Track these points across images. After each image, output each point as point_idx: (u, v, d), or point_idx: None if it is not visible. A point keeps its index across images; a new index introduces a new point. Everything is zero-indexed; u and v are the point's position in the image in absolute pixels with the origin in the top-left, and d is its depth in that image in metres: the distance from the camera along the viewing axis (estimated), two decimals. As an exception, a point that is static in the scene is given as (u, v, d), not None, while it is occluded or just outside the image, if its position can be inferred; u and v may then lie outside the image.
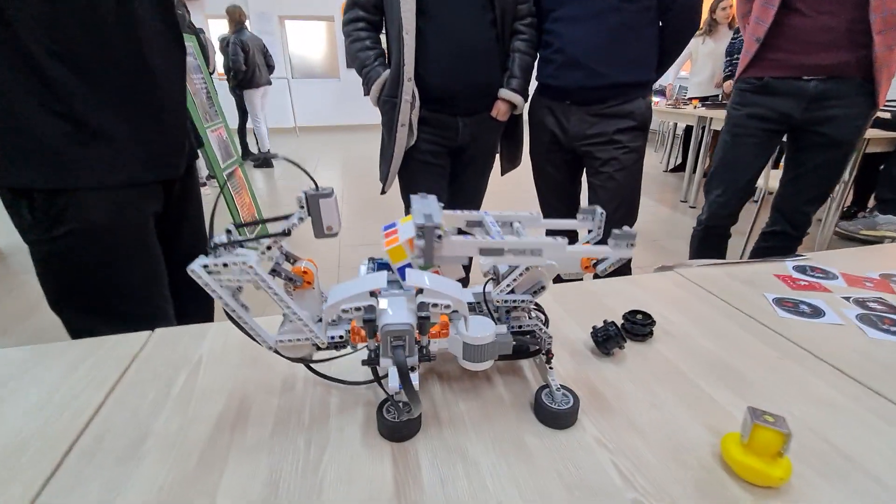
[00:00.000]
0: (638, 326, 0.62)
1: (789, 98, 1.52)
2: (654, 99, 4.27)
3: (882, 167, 2.90)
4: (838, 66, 1.43)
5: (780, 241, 1.69)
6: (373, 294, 0.34)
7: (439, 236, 0.38)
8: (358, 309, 0.32)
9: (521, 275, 0.47)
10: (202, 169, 3.96)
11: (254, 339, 0.46)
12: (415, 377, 0.36)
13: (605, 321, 0.60)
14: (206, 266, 0.42)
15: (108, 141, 0.76)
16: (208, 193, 3.91)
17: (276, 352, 0.48)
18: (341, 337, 0.46)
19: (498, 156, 1.70)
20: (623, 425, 0.48)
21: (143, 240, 0.84)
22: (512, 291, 0.49)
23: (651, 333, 0.63)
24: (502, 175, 1.75)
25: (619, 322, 0.61)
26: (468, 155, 1.57)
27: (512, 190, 3.79)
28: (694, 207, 3.73)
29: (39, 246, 0.77)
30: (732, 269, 0.86)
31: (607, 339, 0.58)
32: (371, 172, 1.69)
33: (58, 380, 0.56)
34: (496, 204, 3.10)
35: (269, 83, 5.44)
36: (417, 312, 0.33)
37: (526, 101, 1.55)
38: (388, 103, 1.43)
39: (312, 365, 0.52)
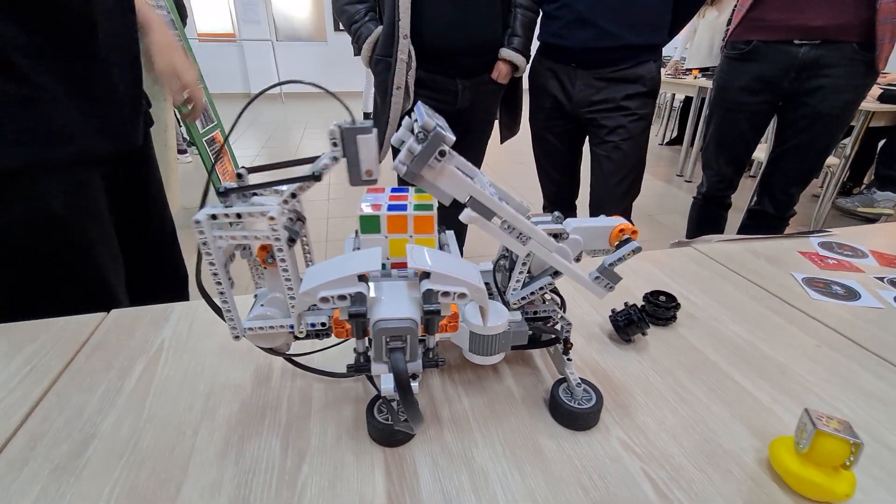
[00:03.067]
0: (661, 309, 0.55)
1: (777, 65, 1.39)
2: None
3: (882, 143, 2.84)
4: (835, 28, 1.28)
5: (762, 220, 1.61)
6: (362, 278, 0.26)
7: (443, 153, 0.30)
8: (342, 297, 0.25)
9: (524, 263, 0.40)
10: (182, 134, 3.75)
11: (227, 323, 0.38)
12: (415, 385, 0.28)
13: (626, 304, 0.53)
14: (214, 217, 0.33)
15: (54, 102, 0.62)
16: (189, 161, 3.73)
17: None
18: (323, 325, 0.38)
19: (497, 122, 1.60)
20: (651, 426, 0.42)
21: (102, 229, 0.72)
22: (530, 279, 0.41)
23: (675, 317, 0.56)
24: (501, 143, 1.65)
25: (639, 304, 0.54)
26: (466, 121, 1.47)
27: (512, 165, 3.68)
28: (690, 182, 3.66)
29: None
30: (753, 244, 0.79)
31: (629, 324, 0.51)
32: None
33: (-11, 370, 0.47)
34: (494, 178, 2.99)
35: None
36: (423, 304, 0.25)
37: (528, 61, 1.43)
38: (382, 63, 1.31)
39: (291, 354, 0.44)
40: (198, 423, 0.41)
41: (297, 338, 0.40)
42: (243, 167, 0.36)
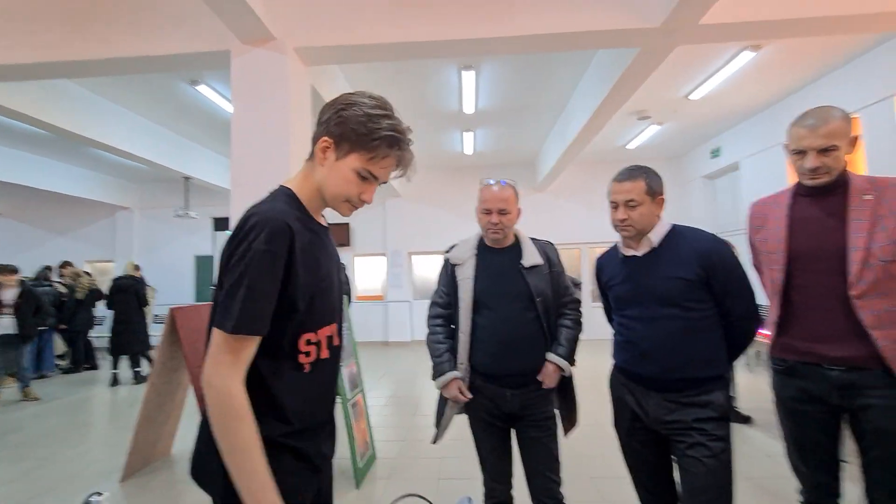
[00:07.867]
0: None
1: (818, 383, 1.41)
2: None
3: None
4: (858, 358, 1.33)
5: None
6: None
7: None
8: None
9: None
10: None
11: None
12: None
13: None
14: None
15: (316, 470, 1.04)
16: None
17: None
18: None
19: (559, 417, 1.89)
20: None
21: None
22: None
23: None
24: (565, 435, 1.88)
25: None
26: (520, 417, 1.76)
27: (591, 454, 3.71)
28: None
29: None
30: None
31: None
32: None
33: None
34: (580, 472, 2.78)
35: None
36: None
37: (573, 365, 1.75)
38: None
39: None
40: None
41: None
42: None
